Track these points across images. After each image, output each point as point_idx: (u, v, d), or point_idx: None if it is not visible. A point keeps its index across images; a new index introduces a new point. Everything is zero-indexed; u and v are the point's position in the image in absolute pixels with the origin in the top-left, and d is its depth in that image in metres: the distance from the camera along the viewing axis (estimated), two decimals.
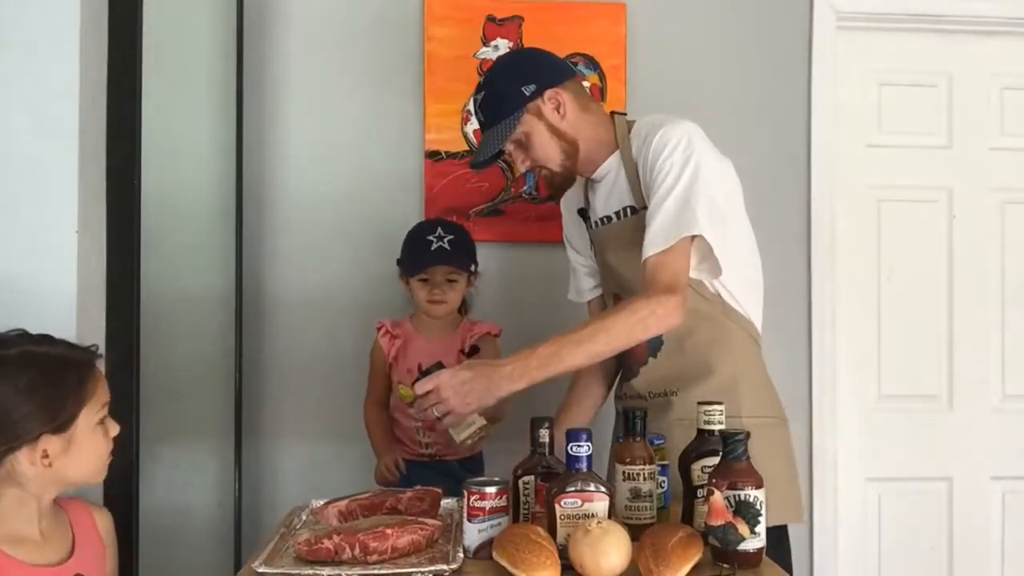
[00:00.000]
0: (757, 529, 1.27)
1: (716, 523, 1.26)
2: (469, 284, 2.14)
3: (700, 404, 1.45)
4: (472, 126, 2.38)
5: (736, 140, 2.38)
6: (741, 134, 2.45)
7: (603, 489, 1.31)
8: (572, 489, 1.31)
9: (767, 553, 1.30)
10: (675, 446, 1.52)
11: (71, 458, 1.33)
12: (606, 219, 1.82)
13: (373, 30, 2.43)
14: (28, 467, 1.30)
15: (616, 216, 1.80)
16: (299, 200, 2.40)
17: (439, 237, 2.05)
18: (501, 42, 2.42)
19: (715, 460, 1.36)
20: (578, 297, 2.00)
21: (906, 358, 2.60)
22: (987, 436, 2.60)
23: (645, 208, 1.69)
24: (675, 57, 2.48)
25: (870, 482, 2.58)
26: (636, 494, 1.44)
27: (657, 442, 1.54)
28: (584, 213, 1.91)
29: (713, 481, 1.30)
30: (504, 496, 1.36)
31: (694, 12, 2.49)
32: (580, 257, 1.97)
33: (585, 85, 2.39)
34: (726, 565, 1.26)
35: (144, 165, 2.12)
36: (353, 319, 2.36)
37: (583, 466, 1.33)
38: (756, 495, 1.27)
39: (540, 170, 1.81)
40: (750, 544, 1.26)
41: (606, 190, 1.81)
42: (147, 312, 2.15)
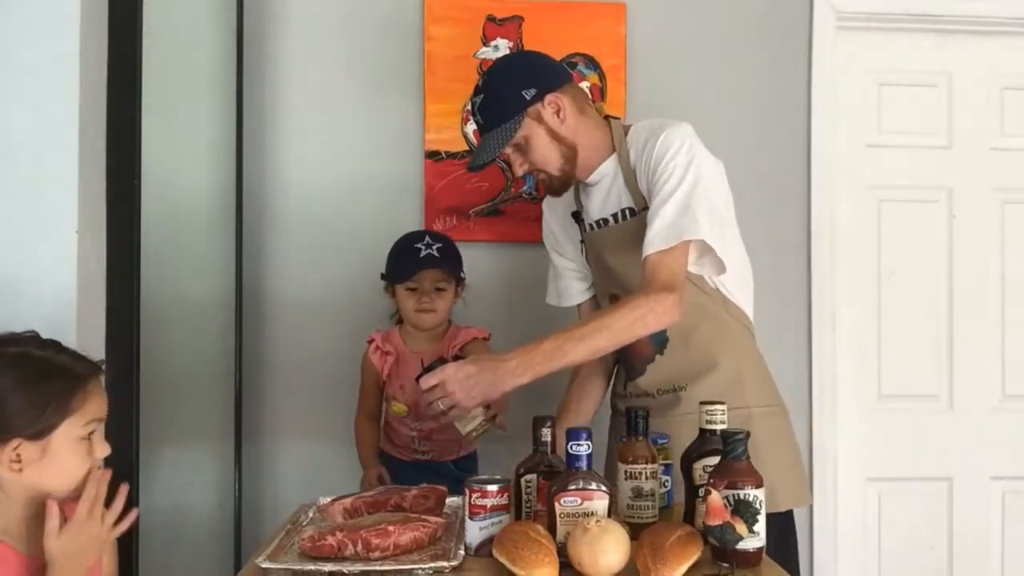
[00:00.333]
0: (756, 528, 1.27)
1: (714, 523, 1.26)
2: (456, 295, 2.12)
3: (702, 404, 1.46)
4: (472, 126, 2.37)
5: (736, 140, 2.40)
6: (741, 134, 2.45)
7: (603, 488, 1.32)
8: (572, 487, 1.31)
9: (777, 539, 1.31)
10: (684, 442, 1.53)
11: (44, 467, 1.29)
12: (603, 222, 1.83)
13: (373, 30, 2.43)
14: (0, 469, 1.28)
15: (614, 218, 1.81)
16: (299, 199, 2.40)
17: (427, 245, 2.05)
18: (501, 42, 2.42)
19: (717, 460, 1.36)
20: (558, 301, 2.00)
21: (906, 358, 2.60)
22: (987, 436, 2.60)
23: (645, 210, 1.71)
24: (675, 57, 2.48)
25: (870, 482, 2.58)
26: (638, 493, 1.45)
27: (661, 442, 1.55)
28: (577, 216, 1.92)
29: (711, 481, 1.31)
30: (505, 494, 1.36)
31: (694, 12, 2.49)
32: (569, 262, 1.97)
33: (585, 85, 2.39)
34: (725, 564, 1.27)
35: (144, 165, 2.13)
36: (353, 319, 2.36)
37: (583, 464, 1.33)
38: (756, 494, 1.27)
39: (538, 174, 1.81)
40: (749, 543, 1.26)
41: (602, 193, 1.82)
42: (147, 313, 2.15)
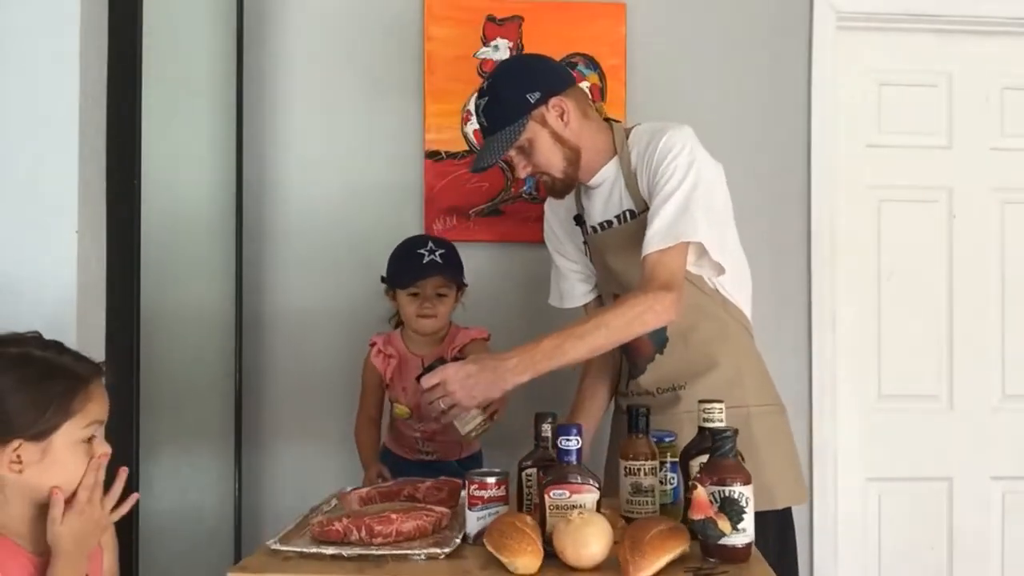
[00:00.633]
0: (741, 526, 1.28)
1: (697, 517, 1.28)
2: (457, 300, 2.12)
3: (701, 402, 1.47)
4: (472, 126, 2.38)
5: (736, 140, 2.40)
6: (741, 134, 2.45)
7: (591, 482, 1.34)
8: (561, 481, 1.34)
9: (776, 536, 1.31)
10: (685, 439, 1.54)
11: (44, 469, 1.28)
12: (606, 224, 1.85)
13: (373, 30, 2.43)
14: (0, 469, 1.27)
15: (617, 220, 1.82)
16: (299, 199, 2.40)
17: (430, 251, 2.04)
18: (501, 42, 2.42)
19: None
20: (560, 302, 2.01)
21: (906, 358, 2.59)
22: (987, 436, 2.59)
23: (646, 211, 1.73)
24: (675, 57, 2.48)
25: (870, 482, 2.58)
26: (637, 489, 1.48)
27: (668, 439, 1.56)
28: (579, 220, 1.93)
29: (698, 476, 1.33)
30: (503, 487, 1.41)
31: (694, 12, 2.49)
32: (573, 264, 1.98)
33: (585, 85, 2.39)
34: (712, 559, 1.28)
35: (144, 165, 2.13)
36: (353, 321, 2.36)
37: (572, 459, 1.36)
38: (743, 491, 1.29)
39: (541, 176, 1.83)
40: (736, 540, 1.28)
41: (604, 196, 1.83)
42: (146, 314, 2.14)
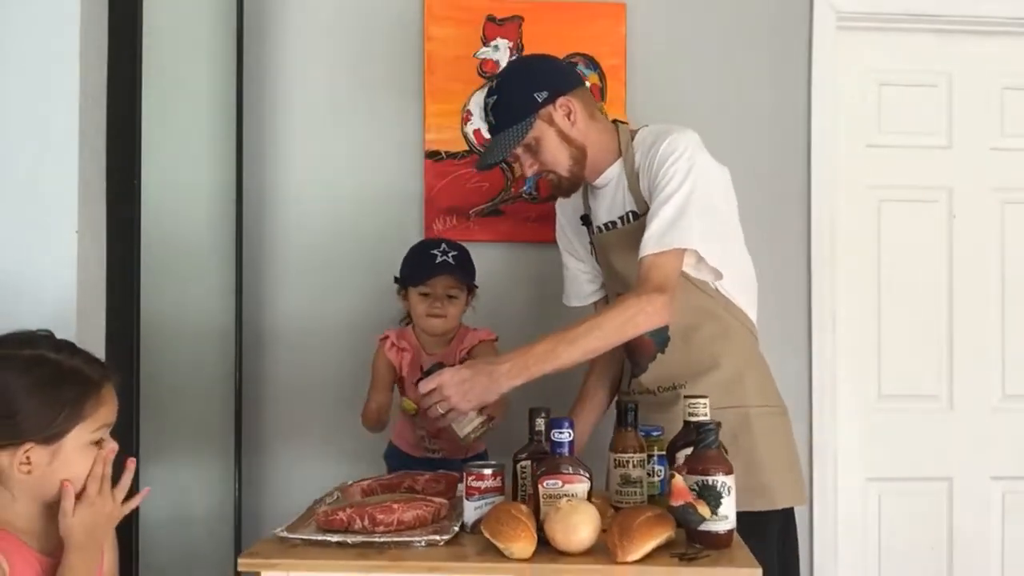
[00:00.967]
0: (721, 512, 1.34)
1: (677, 503, 1.35)
2: (467, 304, 2.14)
3: (686, 397, 1.55)
4: (472, 126, 2.38)
5: (736, 140, 2.40)
6: (741, 134, 2.45)
7: (582, 472, 1.42)
8: (554, 471, 1.41)
9: (778, 536, 1.33)
10: None
11: (53, 471, 1.30)
12: (610, 224, 1.86)
13: (373, 30, 2.43)
14: (9, 469, 1.28)
15: (620, 221, 1.84)
16: (298, 199, 2.40)
17: (443, 252, 2.06)
18: (501, 42, 2.42)
19: None
20: (576, 302, 2.03)
21: (906, 358, 2.59)
22: (987, 436, 2.59)
23: (647, 213, 1.74)
24: (675, 57, 2.48)
25: (870, 482, 2.58)
26: (626, 480, 1.56)
27: (655, 434, 1.63)
28: (586, 219, 1.94)
29: (677, 465, 1.41)
30: (499, 478, 1.48)
31: (694, 12, 2.49)
32: (581, 264, 2.00)
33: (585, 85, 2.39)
34: (697, 545, 1.34)
35: (144, 167, 2.13)
36: (354, 324, 2.36)
37: (564, 451, 1.43)
38: (723, 480, 1.36)
39: (548, 174, 1.84)
40: (718, 526, 1.34)
41: (609, 197, 1.85)
42: (145, 317, 2.14)
